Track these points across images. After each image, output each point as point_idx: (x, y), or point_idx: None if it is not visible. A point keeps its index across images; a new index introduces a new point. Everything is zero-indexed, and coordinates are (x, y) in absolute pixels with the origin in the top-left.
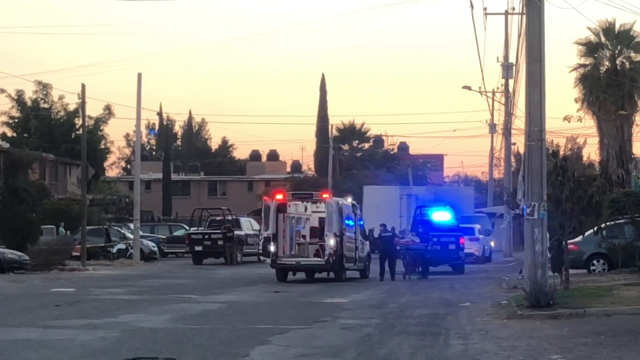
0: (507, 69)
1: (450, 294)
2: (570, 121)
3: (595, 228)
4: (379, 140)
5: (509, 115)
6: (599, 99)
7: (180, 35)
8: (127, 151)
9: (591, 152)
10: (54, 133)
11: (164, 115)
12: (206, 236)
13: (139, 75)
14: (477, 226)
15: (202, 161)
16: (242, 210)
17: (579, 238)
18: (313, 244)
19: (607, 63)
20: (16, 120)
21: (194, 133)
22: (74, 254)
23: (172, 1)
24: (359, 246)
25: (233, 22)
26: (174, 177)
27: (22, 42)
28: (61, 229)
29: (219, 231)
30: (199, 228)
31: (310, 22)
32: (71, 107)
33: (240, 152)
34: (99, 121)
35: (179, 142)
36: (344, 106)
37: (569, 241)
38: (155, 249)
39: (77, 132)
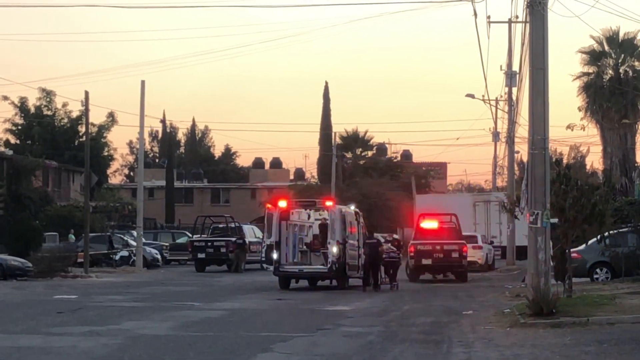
0: (511, 77)
1: (453, 302)
2: (573, 129)
3: (599, 236)
4: (382, 148)
5: (512, 123)
6: (602, 107)
7: (183, 42)
8: (130, 158)
9: (594, 160)
10: (57, 140)
11: (167, 123)
12: (209, 243)
13: (143, 82)
14: (480, 234)
15: (205, 168)
16: (245, 217)
17: (582, 246)
18: (316, 252)
19: (610, 72)
20: (19, 127)
21: (197, 140)
22: (79, 260)
23: (176, 9)
24: (361, 254)
25: (237, 29)
26: (177, 184)
27: (26, 49)
28: (71, 235)
29: (224, 238)
30: (202, 235)
31: (313, 30)
32: (74, 114)
33: (243, 160)
34: (102, 128)
35: (182, 150)
36: (348, 114)
37: (572, 249)
38: (158, 256)
39: (81, 139)
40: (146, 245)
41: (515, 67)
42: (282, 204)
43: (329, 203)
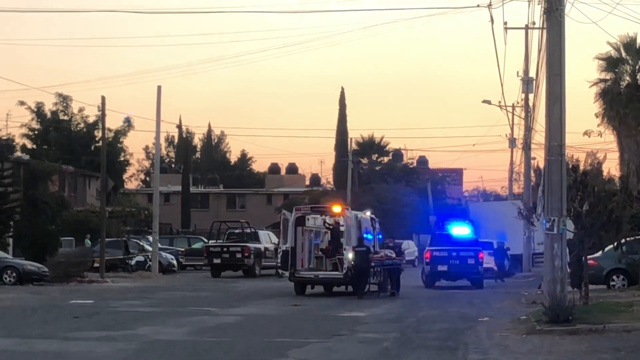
0: (527, 84)
1: (469, 308)
2: (590, 136)
3: (615, 243)
4: (398, 154)
5: (528, 129)
6: (619, 114)
7: (200, 48)
8: (147, 163)
9: (611, 167)
10: (73, 145)
11: (184, 128)
12: (224, 249)
13: (159, 87)
14: (495, 241)
15: (221, 174)
16: (260, 223)
17: (599, 253)
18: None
19: (627, 78)
20: (36, 132)
21: (213, 146)
22: (95, 265)
23: (192, 14)
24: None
25: (253, 35)
26: (193, 189)
27: (43, 54)
28: (87, 240)
29: (240, 244)
30: (218, 241)
31: (330, 35)
32: (91, 119)
33: (259, 165)
34: (119, 133)
35: (198, 155)
36: (363, 120)
37: (588, 256)
38: (174, 261)
39: (97, 144)
40: (162, 251)
41: (532, 73)
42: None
43: (336, 209)
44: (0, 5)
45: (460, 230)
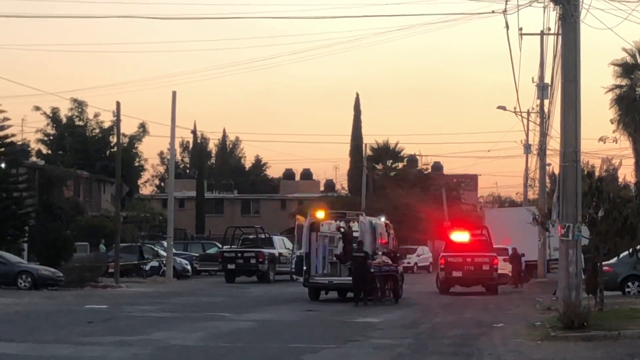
0: (543, 90)
1: (484, 314)
2: (605, 142)
3: (630, 250)
4: (412, 159)
5: (543, 135)
6: (634, 120)
7: (215, 53)
8: (161, 169)
9: (627, 173)
10: (88, 150)
11: (198, 133)
12: (239, 254)
13: (174, 93)
14: (510, 247)
15: (235, 179)
16: (275, 228)
17: (614, 260)
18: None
19: None
20: (51, 138)
21: (228, 151)
22: (109, 270)
23: (208, 20)
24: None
25: (267, 41)
26: (207, 195)
27: (58, 59)
28: (102, 246)
29: (254, 249)
30: (232, 246)
31: (344, 41)
32: (106, 125)
33: (274, 171)
34: (134, 139)
35: (212, 160)
36: (378, 125)
37: (603, 263)
38: (188, 266)
39: (112, 150)
40: (176, 256)
41: (547, 79)
42: (320, 214)
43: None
44: (15, 10)
45: (474, 236)
